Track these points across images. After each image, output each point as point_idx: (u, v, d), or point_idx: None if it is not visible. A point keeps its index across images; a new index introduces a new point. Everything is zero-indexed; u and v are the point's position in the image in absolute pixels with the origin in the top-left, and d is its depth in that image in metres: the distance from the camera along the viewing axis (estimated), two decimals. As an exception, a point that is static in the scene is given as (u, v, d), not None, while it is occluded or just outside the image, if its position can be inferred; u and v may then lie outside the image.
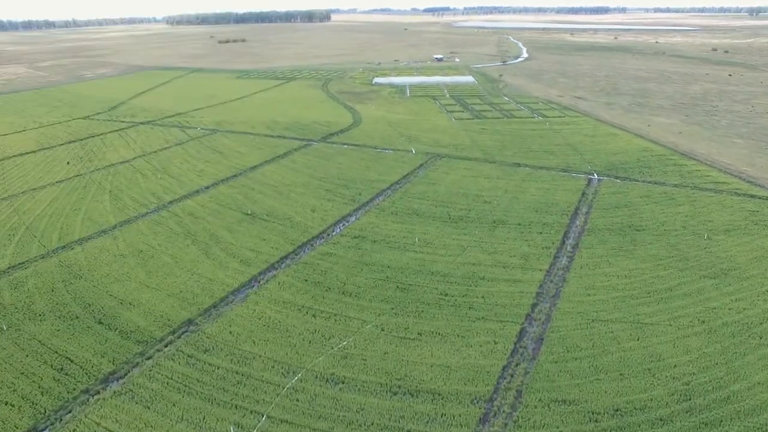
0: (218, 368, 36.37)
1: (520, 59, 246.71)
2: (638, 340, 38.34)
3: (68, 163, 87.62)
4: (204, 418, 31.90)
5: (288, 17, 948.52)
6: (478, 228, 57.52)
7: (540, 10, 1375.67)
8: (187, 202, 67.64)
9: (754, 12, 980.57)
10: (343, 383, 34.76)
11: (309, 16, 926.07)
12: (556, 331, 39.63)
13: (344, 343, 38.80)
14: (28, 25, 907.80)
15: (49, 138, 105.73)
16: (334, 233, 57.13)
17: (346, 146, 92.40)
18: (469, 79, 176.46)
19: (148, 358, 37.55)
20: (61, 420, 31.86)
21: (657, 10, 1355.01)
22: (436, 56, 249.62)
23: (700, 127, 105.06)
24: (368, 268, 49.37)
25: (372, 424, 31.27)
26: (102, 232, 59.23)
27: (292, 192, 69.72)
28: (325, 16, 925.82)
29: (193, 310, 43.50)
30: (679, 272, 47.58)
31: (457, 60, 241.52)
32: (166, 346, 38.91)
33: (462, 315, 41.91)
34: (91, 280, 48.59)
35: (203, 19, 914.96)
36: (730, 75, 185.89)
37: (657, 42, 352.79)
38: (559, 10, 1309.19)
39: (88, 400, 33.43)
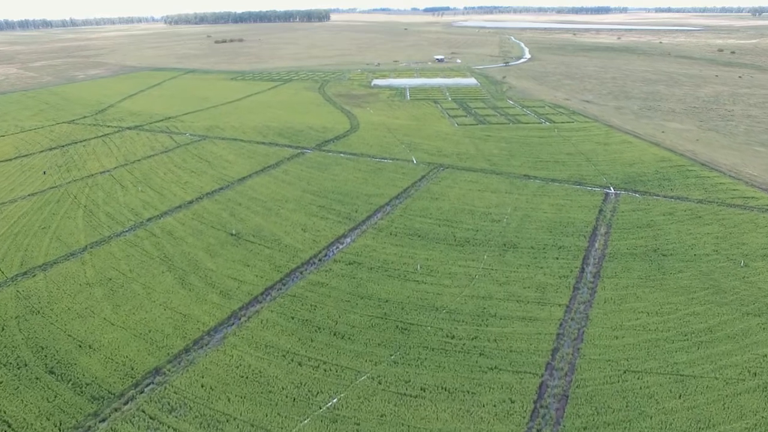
0: (184, 435, 30.60)
1: (523, 60, 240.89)
2: (680, 398, 32.60)
3: (44, 172, 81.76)
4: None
5: (287, 17, 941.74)
6: (487, 252, 51.72)
7: (541, 10, 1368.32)
8: (167, 220, 61.82)
9: (756, 12, 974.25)
10: (331, 457, 29.04)
11: (308, 16, 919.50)
12: (583, 386, 33.88)
13: (334, 400, 33.03)
14: (24, 25, 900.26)
15: (29, 144, 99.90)
16: (326, 258, 51.33)
17: (342, 155, 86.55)
18: (472, 81, 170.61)
19: (102, 420, 31.78)
20: None
21: (658, 9, 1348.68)
22: (436, 57, 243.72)
23: (718, 134, 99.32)
24: (364, 302, 43.58)
25: None
26: (70, 255, 53.42)
27: (282, 208, 63.89)
28: (324, 15, 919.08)
29: (161, 355, 37.73)
30: (718, 308, 41.83)
31: (459, 61, 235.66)
32: (125, 404, 33.14)
33: (472, 364, 36.14)
34: (50, 315, 42.78)
35: (201, 19, 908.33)
36: (740, 77, 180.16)
37: (661, 42, 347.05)
38: (560, 10, 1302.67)
39: (22, 481, 27.69)
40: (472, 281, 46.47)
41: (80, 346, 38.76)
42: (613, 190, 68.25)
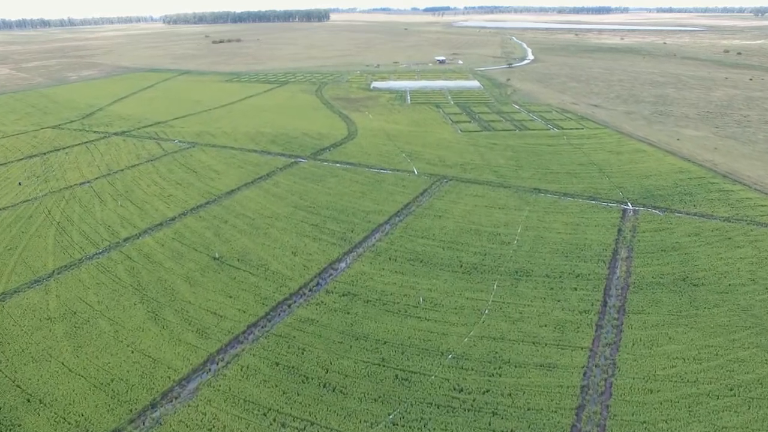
0: None
1: (526, 61, 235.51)
2: (734, 475, 27.32)
3: (20, 183, 76.52)
4: None
5: (286, 16, 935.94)
6: (498, 281, 46.42)
7: (542, 10, 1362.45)
8: (145, 240, 56.50)
9: (758, 12, 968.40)
10: None
11: (307, 16, 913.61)
12: (617, 457, 28.60)
13: (322, 477, 27.77)
14: (22, 24, 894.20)
15: (8, 151, 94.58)
16: (318, 288, 46.01)
17: (338, 165, 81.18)
18: (474, 83, 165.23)
19: (44, 504, 26.51)
20: None
21: (659, 10, 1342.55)
22: (437, 58, 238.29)
23: (736, 142, 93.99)
24: (359, 344, 38.27)
25: None
26: (35, 282, 48.16)
27: (272, 227, 58.54)
28: (323, 15, 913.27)
29: (123, 412, 32.44)
30: (765, 354, 36.52)
31: (460, 62, 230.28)
32: (73, 480, 27.88)
33: (483, 426, 30.83)
34: (0, 359, 37.49)
35: (200, 19, 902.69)
36: (750, 79, 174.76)
37: (665, 43, 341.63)
38: (561, 10, 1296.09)
39: None
40: (481, 318, 41.17)
41: (29, 401, 33.46)
42: (630, 206, 62.95)
